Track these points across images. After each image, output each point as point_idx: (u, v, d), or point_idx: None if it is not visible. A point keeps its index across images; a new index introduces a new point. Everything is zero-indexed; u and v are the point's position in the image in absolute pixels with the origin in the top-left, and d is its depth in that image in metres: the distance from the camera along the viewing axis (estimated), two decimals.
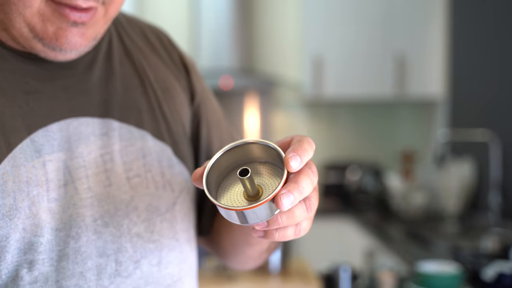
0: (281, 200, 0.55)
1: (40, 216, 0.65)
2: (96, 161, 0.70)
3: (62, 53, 0.68)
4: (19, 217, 0.63)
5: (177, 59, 0.85)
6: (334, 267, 2.05)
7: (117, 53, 0.78)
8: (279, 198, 0.55)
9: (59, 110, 0.69)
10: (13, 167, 0.64)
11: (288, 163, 0.56)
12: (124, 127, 0.74)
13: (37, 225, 0.64)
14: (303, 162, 0.57)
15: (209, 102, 0.88)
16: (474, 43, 3.47)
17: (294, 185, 0.56)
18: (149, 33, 0.85)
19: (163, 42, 0.85)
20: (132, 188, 0.73)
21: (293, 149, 0.57)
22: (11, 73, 0.67)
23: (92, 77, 0.74)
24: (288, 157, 0.56)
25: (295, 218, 0.58)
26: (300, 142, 0.59)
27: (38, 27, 0.65)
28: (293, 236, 0.61)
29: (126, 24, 0.83)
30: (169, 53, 0.85)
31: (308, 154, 0.58)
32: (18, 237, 0.63)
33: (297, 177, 0.57)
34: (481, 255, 2.36)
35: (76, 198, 0.68)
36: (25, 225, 0.63)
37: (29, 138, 0.66)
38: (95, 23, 0.68)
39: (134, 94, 0.77)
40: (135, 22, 0.85)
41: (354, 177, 3.81)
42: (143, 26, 0.85)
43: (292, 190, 0.55)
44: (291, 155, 0.56)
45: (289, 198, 0.55)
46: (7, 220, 0.62)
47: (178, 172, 0.78)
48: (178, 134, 0.80)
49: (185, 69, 0.85)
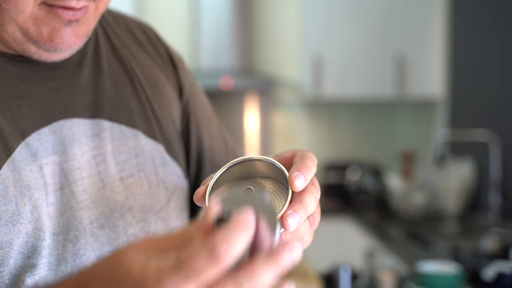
0: (287, 221, 0.54)
1: (42, 220, 0.64)
2: (90, 163, 0.70)
3: (57, 53, 0.67)
4: (22, 222, 0.63)
5: (164, 54, 0.85)
6: (334, 267, 2.05)
7: (105, 52, 0.77)
8: (285, 219, 0.54)
9: (50, 112, 0.69)
10: (13, 171, 0.63)
11: (293, 182, 0.55)
12: (116, 126, 0.74)
13: (39, 229, 0.64)
14: (307, 181, 0.56)
15: (198, 98, 0.87)
16: (474, 43, 3.47)
17: (299, 204, 0.55)
18: (135, 28, 0.84)
19: (149, 37, 0.85)
20: (126, 188, 0.72)
21: (297, 168, 0.56)
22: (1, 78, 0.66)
23: (81, 77, 0.73)
24: (293, 176, 0.56)
25: (299, 234, 0.58)
26: (303, 159, 0.58)
27: (32, 30, 0.64)
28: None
29: (112, 21, 0.82)
30: (156, 48, 0.84)
31: (312, 171, 0.57)
32: (21, 242, 0.62)
33: (301, 196, 0.56)
34: (481, 255, 2.37)
35: (73, 201, 0.67)
36: (28, 230, 0.63)
37: (24, 142, 0.65)
38: (87, 20, 0.68)
39: (124, 93, 0.76)
40: (121, 18, 0.84)
41: (354, 177, 3.81)
42: (128, 22, 0.84)
43: (297, 210, 0.55)
44: (296, 174, 0.56)
45: (295, 218, 0.55)
46: (10, 226, 0.62)
47: (171, 170, 0.78)
48: (169, 132, 0.79)
49: (172, 64, 0.84)
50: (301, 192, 0.56)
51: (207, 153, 0.85)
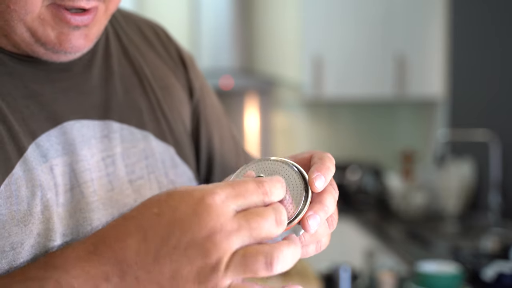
0: (308, 223, 0.54)
1: (54, 220, 0.63)
2: (98, 164, 0.69)
3: (66, 55, 0.67)
4: (34, 222, 0.61)
5: (175, 54, 0.84)
6: (334, 267, 2.05)
7: (115, 52, 0.77)
8: (306, 220, 0.54)
9: (60, 113, 0.68)
10: (25, 171, 0.62)
11: (313, 183, 0.55)
12: (125, 128, 0.73)
13: (51, 229, 0.63)
14: (327, 182, 0.56)
15: (208, 98, 0.86)
16: (474, 43, 3.47)
17: (320, 205, 0.55)
18: (146, 28, 0.83)
19: (160, 37, 0.84)
20: (135, 191, 0.71)
21: (316, 169, 0.56)
22: (9, 77, 0.66)
23: (91, 78, 0.72)
24: (313, 177, 0.55)
25: (317, 235, 0.58)
26: (322, 160, 0.58)
27: (40, 32, 0.63)
28: (314, 252, 0.60)
29: (122, 20, 0.81)
30: (167, 48, 0.83)
31: (331, 172, 0.57)
32: (32, 242, 0.61)
33: (321, 196, 0.56)
34: (481, 255, 2.37)
35: (83, 202, 0.66)
36: (39, 230, 0.62)
37: (34, 142, 0.64)
38: (97, 22, 0.67)
39: (134, 94, 0.75)
40: (131, 18, 0.83)
41: (354, 177, 3.81)
42: (139, 21, 0.83)
43: (318, 211, 0.54)
44: (316, 175, 0.55)
45: (315, 220, 0.54)
46: (21, 226, 0.61)
47: (181, 172, 0.77)
48: (179, 133, 0.79)
49: (183, 64, 0.84)
50: (320, 193, 0.56)
51: (217, 154, 0.84)
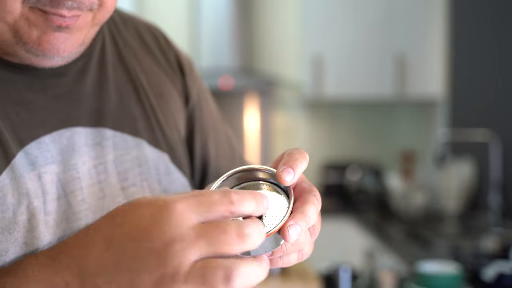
0: (288, 232, 0.53)
1: (40, 229, 0.63)
2: (90, 172, 0.69)
3: (48, 59, 0.65)
4: (19, 230, 0.61)
5: (173, 60, 0.83)
6: (334, 267, 2.05)
7: (111, 58, 0.76)
8: (286, 230, 0.53)
9: (51, 120, 0.67)
10: (12, 179, 0.62)
11: (281, 177, 0.55)
12: (119, 135, 0.72)
13: (37, 238, 0.62)
14: (297, 174, 0.55)
15: (205, 104, 0.85)
16: (474, 43, 3.47)
17: (301, 215, 0.54)
18: (145, 32, 0.82)
19: (159, 42, 0.83)
20: (127, 198, 0.70)
21: (284, 162, 0.56)
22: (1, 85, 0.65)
23: (85, 85, 0.71)
24: (280, 171, 0.54)
25: (299, 244, 0.57)
26: (290, 154, 0.57)
27: (23, 31, 0.63)
28: (297, 261, 0.59)
29: (121, 23, 0.80)
30: (165, 53, 0.83)
31: (300, 164, 0.56)
32: (18, 250, 0.61)
33: (303, 206, 0.55)
34: (481, 255, 2.37)
35: (69, 212, 0.66)
36: (25, 239, 0.61)
37: (23, 150, 0.64)
38: (80, 28, 0.65)
39: (128, 102, 0.75)
40: (130, 21, 0.82)
41: (354, 177, 3.81)
42: (138, 24, 0.83)
43: (298, 221, 0.54)
44: (283, 168, 0.55)
45: (296, 230, 0.53)
46: (6, 234, 0.60)
47: (175, 179, 0.76)
48: (174, 141, 0.78)
49: (180, 70, 0.83)
50: (303, 202, 0.55)
51: (212, 161, 0.84)
